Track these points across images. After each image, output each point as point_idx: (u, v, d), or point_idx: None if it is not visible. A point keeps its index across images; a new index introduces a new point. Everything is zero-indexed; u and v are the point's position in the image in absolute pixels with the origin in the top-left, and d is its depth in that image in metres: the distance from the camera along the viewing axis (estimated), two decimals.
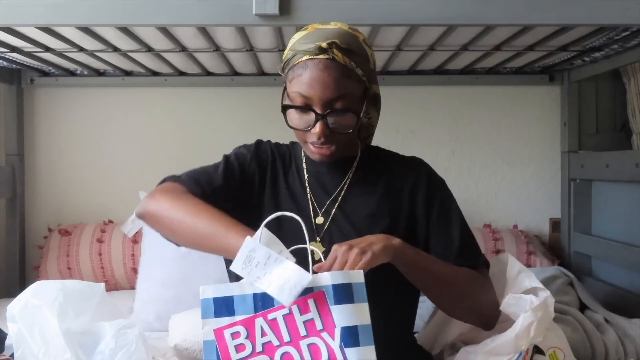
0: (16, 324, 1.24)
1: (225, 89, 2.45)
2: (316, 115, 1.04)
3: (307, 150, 1.13)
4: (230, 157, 1.21)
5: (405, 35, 1.75)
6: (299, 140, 1.14)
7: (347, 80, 1.05)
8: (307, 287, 0.84)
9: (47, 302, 1.25)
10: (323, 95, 1.03)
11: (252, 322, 0.86)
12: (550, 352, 1.29)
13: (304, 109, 1.05)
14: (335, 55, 1.04)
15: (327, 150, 1.08)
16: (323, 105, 1.04)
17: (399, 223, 1.14)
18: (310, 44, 1.05)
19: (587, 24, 1.51)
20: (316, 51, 1.04)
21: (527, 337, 1.17)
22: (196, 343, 1.56)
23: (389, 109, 2.48)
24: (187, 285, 1.86)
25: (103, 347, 1.21)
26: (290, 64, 1.08)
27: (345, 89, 1.05)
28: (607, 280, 2.18)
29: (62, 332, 1.20)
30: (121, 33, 1.65)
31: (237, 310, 0.88)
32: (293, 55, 1.07)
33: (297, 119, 1.08)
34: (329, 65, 1.03)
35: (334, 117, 1.05)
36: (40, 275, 2.21)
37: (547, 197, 2.47)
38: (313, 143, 1.09)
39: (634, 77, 2.09)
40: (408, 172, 1.18)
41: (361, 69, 1.07)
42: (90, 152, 2.43)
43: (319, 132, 1.05)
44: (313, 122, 1.05)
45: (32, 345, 1.21)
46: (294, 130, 1.11)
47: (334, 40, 1.04)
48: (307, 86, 1.04)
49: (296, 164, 1.22)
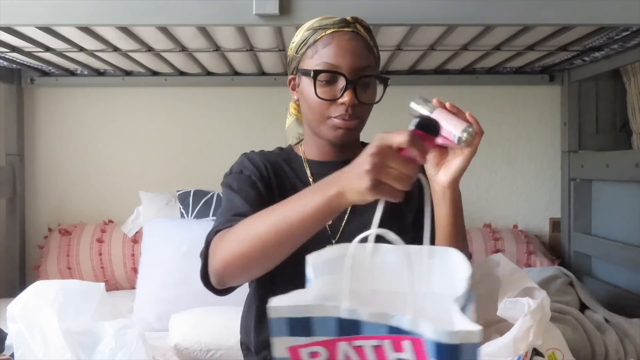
0: (16, 323, 1.24)
1: (225, 89, 2.45)
2: (347, 81, 1.03)
3: (325, 128, 1.07)
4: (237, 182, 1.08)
5: (405, 35, 1.75)
6: (319, 118, 1.07)
7: (369, 54, 1.07)
8: (405, 329, 0.66)
9: (47, 302, 1.26)
10: (353, 62, 1.03)
11: (334, 344, 0.72)
12: (549, 354, 1.29)
13: (334, 78, 1.04)
14: (359, 30, 1.06)
15: (352, 123, 1.06)
16: (352, 73, 1.04)
17: (411, 212, 1.13)
18: (332, 19, 1.07)
19: (587, 24, 1.51)
20: (341, 24, 1.06)
21: (526, 340, 1.17)
22: (196, 343, 1.56)
23: (389, 109, 2.49)
24: (187, 285, 1.86)
25: (103, 347, 1.21)
26: (308, 42, 1.07)
27: (370, 60, 1.07)
28: (607, 280, 2.18)
29: (62, 332, 1.20)
30: (121, 33, 1.65)
31: (316, 331, 0.74)
32: (313, 33, 1.07)
33: (322, 92, 1.05)
34: (355, 37, 1.05)
35: (361, 87, 1.05)
36: (40, 275, 2.21)
37: (547, 197, 2.47)
38: (339, 116, 1.05)
39: (634, 77, 2.09)
40: None
41: (376, 50, 1.10)
42: (90, 152, 2.44)
43: (348, 101, 1.03)
44: (342, 90, 1.03)
45: (32, 345, 1.21)
46: (315, 108, 1.06)
47: (356, 17, 1.07)
48: (335, 55, 1.04)
49: (292, 167, 1.16)
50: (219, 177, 1.16)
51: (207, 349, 1.57)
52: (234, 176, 1.10)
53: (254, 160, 1.12)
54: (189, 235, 1.96)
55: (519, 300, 1.22)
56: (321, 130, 1.08)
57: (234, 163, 1.15)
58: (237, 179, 1.09)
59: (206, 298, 1.82)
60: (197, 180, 2.32)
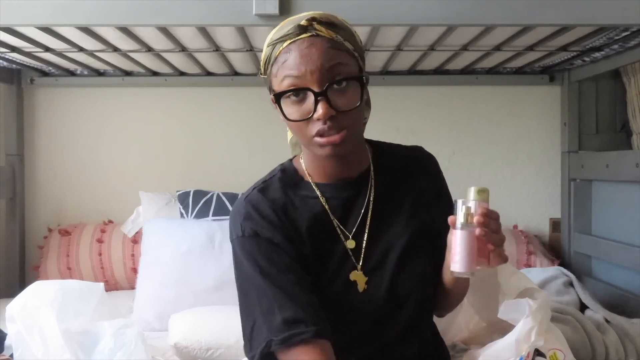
0: (15, 324, 1.24)
1: (225, 89, 2.45)
2: (314, 94, 0.91)
3: (314, 149, 0.96)
4: (261, 255, 0.98)
5: (405, 35, 1.75)
6: (304, 140, 0.97)
7: (337, 52, 0.93)
8: None
9: (47, 302, 1.26)
10: (315, 68, 0.91)
11: None
12: (550, 354, 1.29)
13: (299, 92, 0.93)
14: (319, 31, 0.93)
15: (337, 137, 0.92)
16: (319, 82, 0.91)
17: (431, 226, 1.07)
18: (288, 27, 0.94)
19: (587, 24, 1.51)
20: (297, 31, 0.93)
21: (528, 341, 1.17)
22: (196, 341, 1.56)
23: (389, 109, 2.50)
24: (187, 285, 1.86)
25: (102, 347, 1.22)
26: (271, 59, 0.97)
27: (340, 58, 0.93)
28: (607, 280, 2.18)
29: (62, 332, 1.20)
30: (121, 33, 1.65)
31: None
32: (272, 49, 0.96)
33: (295, 111, 0.94)
34: (315, 42, 0.92)
35: (334, 93, 0.92)
36: (40, 275, 2.21)
37: (547, 197, 2.47)
38: (320, 134, 0.92)
39: (634, 77, 2.09)
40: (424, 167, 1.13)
41: (350, 43, 0.96)
42: (90, 152, 2.43)
43: (322, 114, 0.90)
44: (313, 105, 0.91)
45: (31, 345, 1.21)
46: (296, 131, 0.97)
47: (312, 16, 0.94)
48: (297, 66, 0.91)
49: (302, 196, 1.05)
50: (219, 178, 1.15)
51: (207, 347, 1.57)
52: (250, 242, 0.98)
53: (262, 211, 1.00)
54: (189, 235, 1.96)
55: (519, 301, 1.22)
56: (313, 150, 0.98)
57: (236, 214, 1.02)
58: (257, 247, 0.97)
59: (206, 298, 1.84)
60: (196, 181, 2.32)
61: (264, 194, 1.03)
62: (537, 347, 1.22)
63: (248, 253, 0.98)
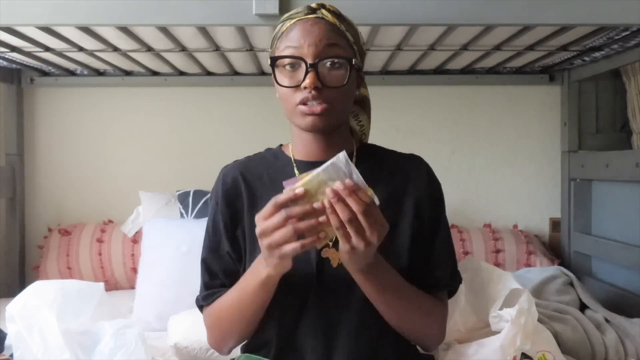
0: (15, 324, 1.24)
1: (225, 89, 2.45)
2: (306, 65, 0.99)
3: (297, 119, 1.04)
4: (212, 225, 1.16)
5: (405, 35, 1.75)
6: (289, 109, 1.05)
7: (337, 36, 1.03)
8: None
9: (46, 302, 1.26)
10: (312, 42, 1.00)
11: None
12: (539, 356, 1.29)
13: (294, 63, 1.01)
14: (325, 15, 1.03)
15: (319, 108, 1.00)
16: (313, 55, 1.00)
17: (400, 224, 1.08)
18: (299, 9, 1.05)
19: (587, 24, 1.51)
20: (305, 11, 1.04)
21: (513, 346, 1.17)
22: (195, 342, 1.56)
23: (389, 109, 2.50)
24: (187, 285, 1.85)
25: (102, 347, 1.21)
26: (278, 34, 1.06)
27: (335, 40, 1.02)
28: (607, 280, 2.18)
29: (61, 332, 1.20)
30: (121, 33, 1.65)
31: None
32: (282, 25, 1.06)
33: (286, 78, 1.03)
34: (319, 22, 1.02)
35: (325, 69, 1.01)
36: (40, 275, 2.21)
37: (547, 197, 2.47)
38: (304, 102, 1.01)
39: (634, 77, 2.09)
40: (410, 173, 1.12)
41: (351, 35, 1.05)
42: (90, 152, 2.44)
43: (309, 83, 0.98)
44: (303, 75, 1.00)
45: (31, 345, 1.21)
46: (283, 99, 1.05)
47: (323, 4, 1.05)
48: (297, 39, 1.01)
49: (278, 165, 1.13)
50: None
51: (207, 347, 1.56)
52: (210, 209, 1.17)
53: (225, 184, 1.13)
54: (189, 235, 1.96)
55: (500, 313, 1.23)
56: (295, 121, 1.05)
57: (213, 190, 1.16)
58: (211, 217, 1.16)
59: None
60: (196, 180, 2.32)
61: (238, 163, 1.16)
62: (523, 351, 1.22)
63: (209, 215, 1.18)
